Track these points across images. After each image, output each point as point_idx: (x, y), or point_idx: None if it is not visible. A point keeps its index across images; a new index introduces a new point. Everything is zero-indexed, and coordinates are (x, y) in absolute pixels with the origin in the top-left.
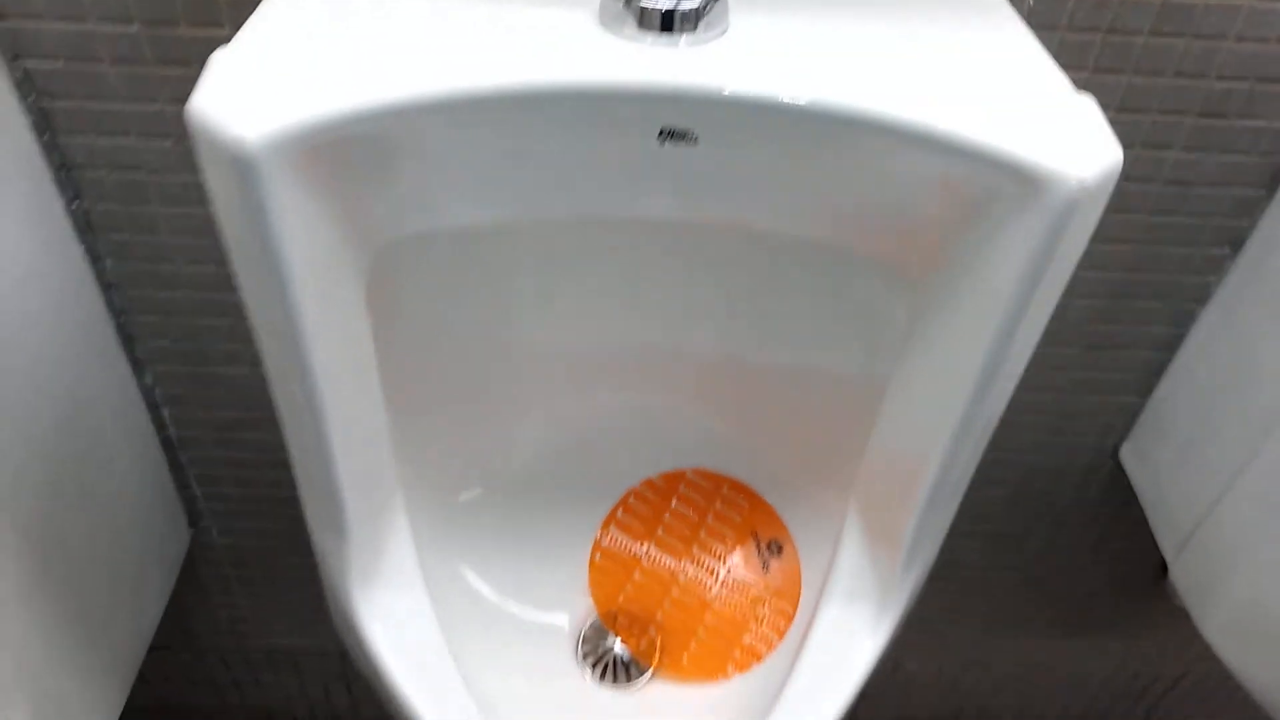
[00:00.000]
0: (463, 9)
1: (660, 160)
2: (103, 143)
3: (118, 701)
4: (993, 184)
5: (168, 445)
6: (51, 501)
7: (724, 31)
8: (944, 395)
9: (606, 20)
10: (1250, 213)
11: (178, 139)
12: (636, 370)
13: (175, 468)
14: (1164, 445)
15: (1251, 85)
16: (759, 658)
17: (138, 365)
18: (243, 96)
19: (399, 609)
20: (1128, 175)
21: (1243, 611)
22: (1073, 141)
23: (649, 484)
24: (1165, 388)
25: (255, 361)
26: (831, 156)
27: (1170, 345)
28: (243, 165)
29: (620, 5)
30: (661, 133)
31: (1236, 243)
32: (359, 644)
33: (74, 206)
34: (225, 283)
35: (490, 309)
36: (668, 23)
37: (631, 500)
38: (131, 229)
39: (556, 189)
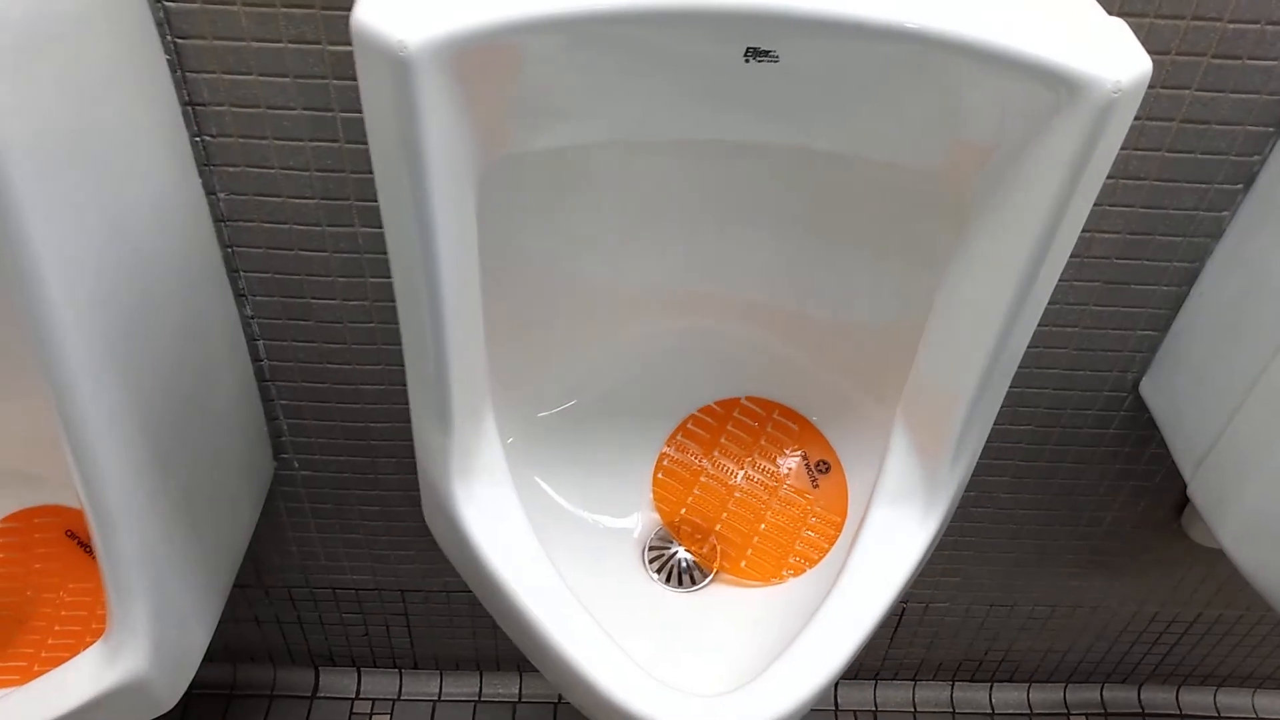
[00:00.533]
0: None
1: (746, 77)
2: (226, 79)
3: (218, 605)
4: (1042, 92)
5: (260, 375)
6: (169, 412)
7: None
8: (991, 298)
9: None
10: (1261, 149)
11: (295, 75)
12: (700, 298)
13: (266, 400)
14: (1182, 375)
15: (1262, 27)
16: (812, 562)
17: (240, 296)
18: (399, 9)
19: (491, 502)
20: (1149, 115)
21: (1256, 518)
22: (1109, 54)
23: (708, 409)
24: (1182, 321)
25: (346, 296)
26: (898, 73)
27: (1187, 280)
28: (402, 67)
29: None
30: (747, 52)
31: (1249, 179)
32: (455, 530)
33: (197, 140)
34: (325, 218)
35: (573, 237)
36: None
37: (691, 424)
38: (245, 162)
39: (657, 109)
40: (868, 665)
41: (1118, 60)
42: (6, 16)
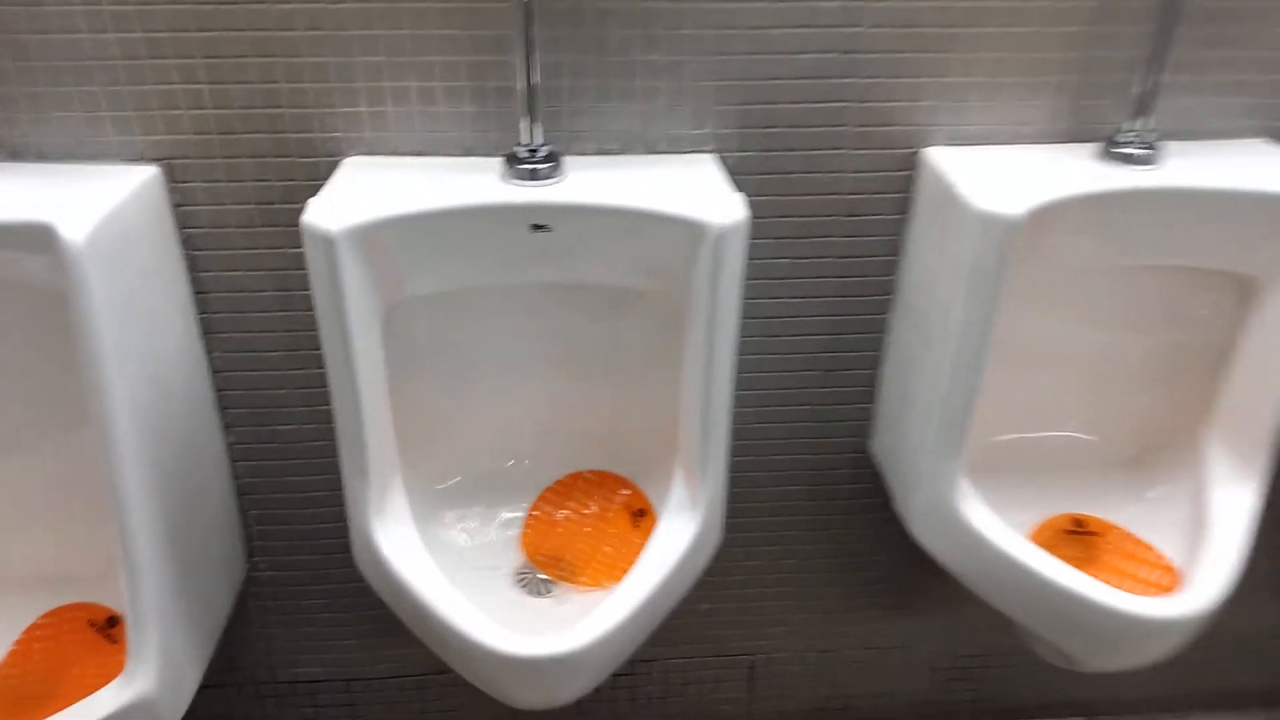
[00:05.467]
0: (436, 173)
1: (533, 243)
2: (223, 276)
3: (207, 652)
4: (689, 233)
5: (238, 490)
6: (180, 516)
7: (558, 181)
8: (698, 372)
9: (505, 176)
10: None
11: (267, 269)
12: (544, 401)
13: (242, 510)
14: (888, 429)
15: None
16: (622, 576)
17: (226, 427)
18: (329, 212)
19: (400, 537)
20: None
21: (926, 513)
22: (722, 209)
23: (560, 481)
24: (884, 389)
25: (303, 421)
26: (618, 231)
27: (878, 360)
28: (330, 243)
29: (507, 168)
30: (533, 227)
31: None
32: (375, 558)
33: (202, 316)
34: (288, 367)
35: (452, 358)
36: (529, 176)
37: (548, 491)
38: (234, 329)
39: (483, 267)
40: None
41: (726, 211)
42: (107, 233)
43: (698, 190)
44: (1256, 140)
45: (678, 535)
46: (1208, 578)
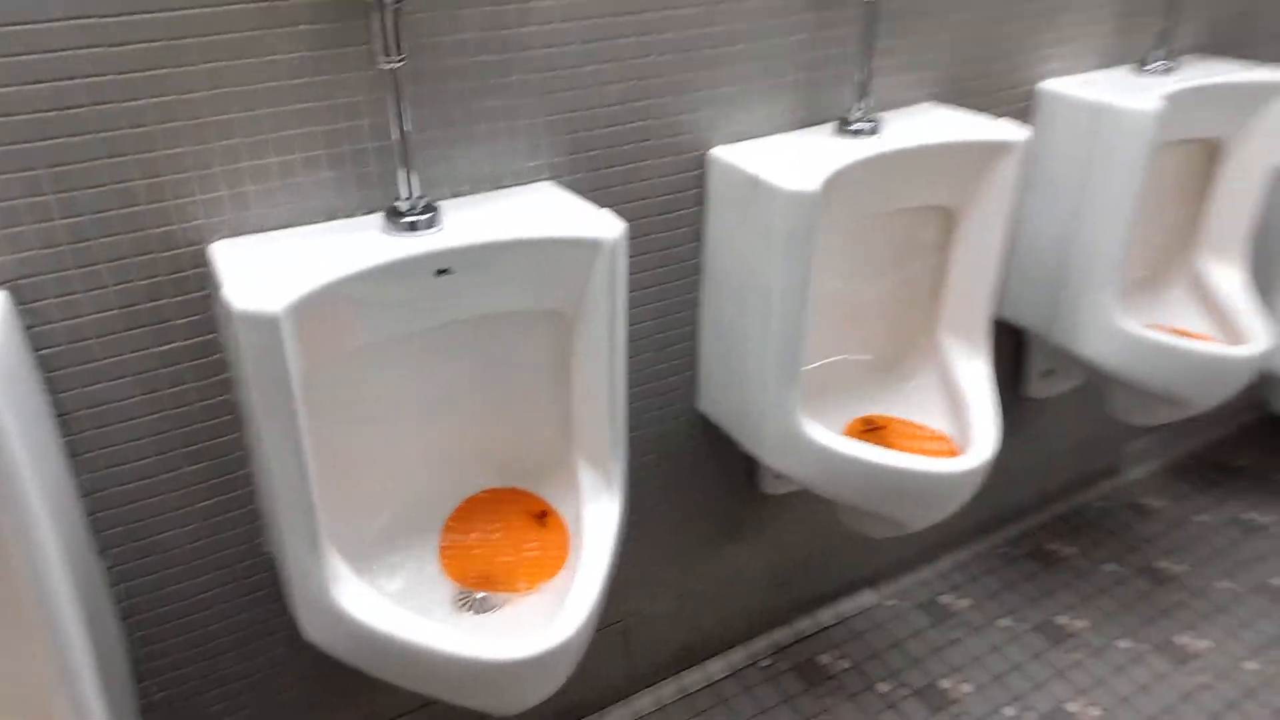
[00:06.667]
0: (323, 239)
1: (439, 286)
2: (87, 391)
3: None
4: (586, 250)
5: (122, 614)
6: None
7: (442, 227)
8: (602, 371)
9: (388, 230)
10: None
11: (135, 376)
12: (442, 435)
13: (129, 633)
14: (718, 387)
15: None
16: (559, 567)
17: (102, 550)
18: (259, 294)
19: (358, 593)
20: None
21: (778, 441)
22: (605, 226)
23: (458, 509)
24: (705, 354)
25: (180, 525)
26: (518, 261)
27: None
28: (273, 323)
29: (389, 223)
30: (437, 272)
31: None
32: (340, 622)
33: (66, 439)
34: (162, 473)
35: (366, 403)
36: (414, 228)
37: (451, 521)
38: (102, 447)
39: (395, 318)
40: (623, 688)
41: (609, 227)
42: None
43: (568, 212)
44: (928, 104)
45: (605, 518)
46: (982, 435)
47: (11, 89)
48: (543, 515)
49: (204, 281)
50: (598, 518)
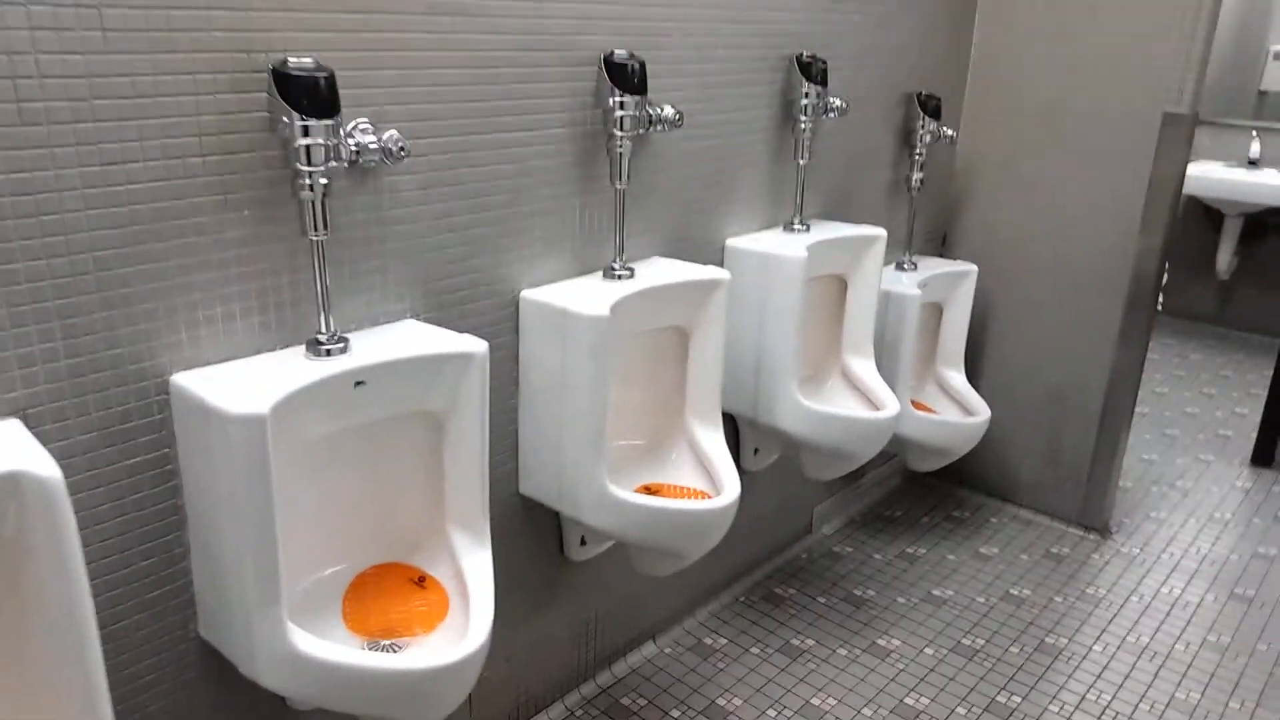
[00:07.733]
0: (266, 365)
1: (359, 392)
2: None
3: None
4: (459, 363)
5: None
6: None
7: (350, 349)
8: (475, 451)
9: (308, 355)
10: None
11: (115, 502)
12: (341, 516)
13: None
14: (532, 467)
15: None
16: (443, 615)
17: None
18: (243, 401)
19: (311, 640)
20: None
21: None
22: (473, 344)
23: (351, 586)
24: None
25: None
26: (414, 373)
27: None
28: (261, 422)
29: (311, 350)
30: (355, 384)
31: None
32: (304, 663)
33: None
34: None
35: (290, 491)
36: (329, 353)
37: (349, 593)
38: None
39: (322, 421)
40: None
41: (473, 344)
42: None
43: (437, 337)
44: (662, 259)
45: (482, 565)
46: (729, 482)
47: (41, 262)
48: (421, 580)
49: (164, 406)
50: (477, 566)
